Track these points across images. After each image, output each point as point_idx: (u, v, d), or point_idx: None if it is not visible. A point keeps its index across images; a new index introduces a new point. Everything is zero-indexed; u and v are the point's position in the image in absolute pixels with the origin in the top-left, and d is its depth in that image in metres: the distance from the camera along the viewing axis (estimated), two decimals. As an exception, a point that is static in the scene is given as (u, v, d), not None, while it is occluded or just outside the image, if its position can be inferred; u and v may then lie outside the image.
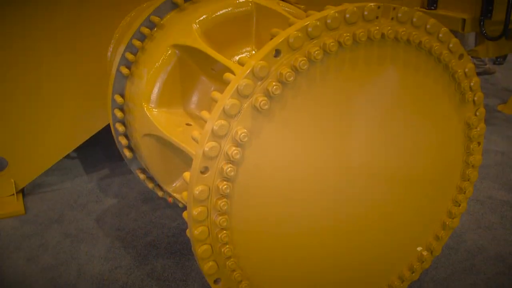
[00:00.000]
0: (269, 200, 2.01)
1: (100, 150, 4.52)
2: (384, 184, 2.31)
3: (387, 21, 2.00)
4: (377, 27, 1.95)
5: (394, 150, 2.26)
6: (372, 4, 1.94)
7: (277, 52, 1.81)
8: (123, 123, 2.92)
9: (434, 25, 2.11)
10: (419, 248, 2.59)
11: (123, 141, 2.94)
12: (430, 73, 2.20)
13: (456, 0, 4.40)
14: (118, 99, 2.81)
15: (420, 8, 4.57)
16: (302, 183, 2.07)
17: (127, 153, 2.97)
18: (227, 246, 1.97)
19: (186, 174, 1.90)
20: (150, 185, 3.08)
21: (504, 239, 3.25)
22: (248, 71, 1.78)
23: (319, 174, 2.10)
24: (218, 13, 2.56)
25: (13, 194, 3.66)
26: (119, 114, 2.85)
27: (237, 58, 2.54)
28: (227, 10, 2.57)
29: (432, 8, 4.52)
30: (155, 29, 2.76)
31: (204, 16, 2.56)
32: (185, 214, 1.94)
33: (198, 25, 2.53)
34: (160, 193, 3.07)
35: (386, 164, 2.27)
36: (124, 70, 2.76)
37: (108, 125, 3.07)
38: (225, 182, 1.85)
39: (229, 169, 1.82)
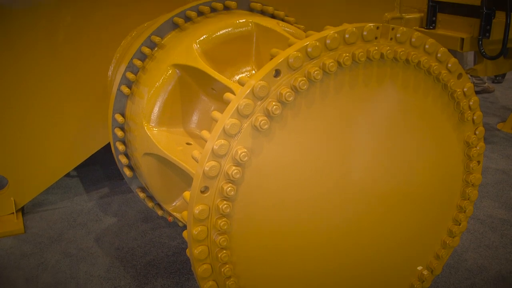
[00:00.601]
0: (270, 220, 2.01)
1: (100, 169, 4.52)
2: (384, 202, 2.31)
3: (386, 41, 2.02)
4: (376, 47, 1.97)
5: (393, 168, 2.27)
6: (371, 24, 1.96)
7: (277, 72, 1.83)
8: (124, 142, 2.93)
9: (432, 45, 2.13)
10: (419, 267, 2.58)
11: (123, 160, 2.94)
12: (429, 92, 2.21)
13: (454, 20, 4.43)
14: (119, 118, 2.82)
15: (419, 28, 4.60)
16: (303, 202, 2.07)
17: (127, 172, 2.98)
18: (227, 265, 1.96)
19: (186, 194, 1.90)
20: (150, 204, 3.08)
21: (505, 258, 3.24)
22: (248, 91, 1.79)
23: (319, 193, 2.10)
24: (219, 33, 2.58)
25: (13, 213, 3.65)
26: (119, 133, 2.86)
27: (237, 77, 2.56)
28: (227, 30, 2.59)
29: (431, 27, 4.55)
30: (156, 49, 2.78)
31: (204, 36, 2.58)
32: (185, 234, 1.94)
33: (198, 45, 2.55)
34: (160, 212, 3.06)
35: (386, 183, 2.27)
36: (125, 89, 2.78)
37: (108, 144, 3.08)
38: (225, 202, 1.85)
39: (229, 188, 1.83)
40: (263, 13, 3.04)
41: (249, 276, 2.06)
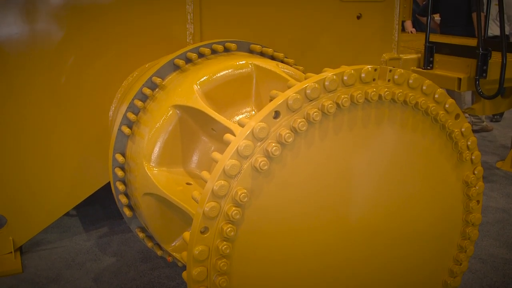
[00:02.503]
0: (270, 260, 2.00)
1: (100, 208, 4.51)
2: (383, 243, 2.30)
3: (384, 83, 2.05)
4: (374, 89, 2.00)
5: (392, 209, 2.27)
6: (369, 66, 1.99)
7: (277, 114, 1.85)
8: (124, 181, 2.93)
9: (430, 86, 2.16)
10: (421, 309, 2.56)
11: (123, 199, 2.94)
12: (427, 133, 2.24)
13: (451, 60, 4.49)
14: (119, 158, 2.83)
15: (417, 68, 4.65)
16: (303, 243, 2.07)
17: (127, 212, 2.97)
18: (227, 307, 1.95)
19: (186, 234, 1.90)
20: (149, 244, 3.06)
21: (507, 298, 3.21)
22: (248, 132, 1.81)
23: (319, 233, 2.10)
24: (219, 75, 2.62)
25: (11, 252, 3.62)
26: (119, 173, 2.87)
27: (237, 118, 2.58)
28: (227, 71, 2.63)
29: (429, 68, 4.61)
30: (157, 90, 2.81)
31: (205, 77, 2.61)
32: (184, 274, 1.93)
33: (199, 86, 2.58)
34: (159, 252, 3.05)
35: (385, 223, 2.27)
36: (126, 130, 2.79)
37: (108, 183, 3.07)
38: (225, 242, 1.85)
39: (229, 229, 1.83)
40: (262, 54, 3.09)
41: (249, 318, 2.04)
